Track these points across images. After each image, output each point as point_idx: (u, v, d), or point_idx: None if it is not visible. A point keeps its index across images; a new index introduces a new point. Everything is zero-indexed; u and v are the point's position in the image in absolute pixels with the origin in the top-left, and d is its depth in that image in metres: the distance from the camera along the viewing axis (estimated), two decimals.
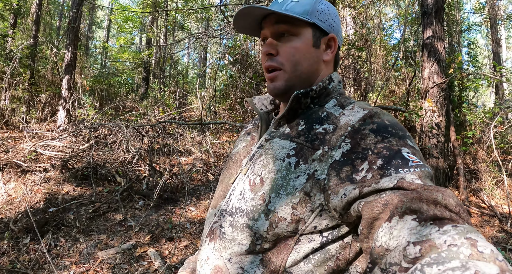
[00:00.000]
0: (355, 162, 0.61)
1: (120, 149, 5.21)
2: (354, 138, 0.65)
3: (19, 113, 7.38)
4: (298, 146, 0.71)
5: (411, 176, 0.55)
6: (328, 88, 0.79)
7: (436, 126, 5.03)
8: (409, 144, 0.62)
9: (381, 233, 0.51)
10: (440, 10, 5.33)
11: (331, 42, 0.81)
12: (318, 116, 0.75)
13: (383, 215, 0.52)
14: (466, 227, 0.44)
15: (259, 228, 0.67)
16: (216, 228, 0.76)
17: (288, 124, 0.78)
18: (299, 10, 0.75)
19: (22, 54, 7.85)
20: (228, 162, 0.90)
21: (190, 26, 14.63)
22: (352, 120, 0.68)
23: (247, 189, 0.73)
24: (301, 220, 0.65)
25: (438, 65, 5.14)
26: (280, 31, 0.77)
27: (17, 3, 8.26)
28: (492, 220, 4.50)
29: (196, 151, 5.89)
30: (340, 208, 0.61)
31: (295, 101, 0.75)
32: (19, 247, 3.31)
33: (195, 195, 4.66)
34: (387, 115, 0.69)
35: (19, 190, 4.35)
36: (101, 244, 3.39)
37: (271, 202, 0.67)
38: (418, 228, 0.47)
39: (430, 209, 0.49)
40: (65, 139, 5.80)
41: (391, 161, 0.58)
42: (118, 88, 11.14)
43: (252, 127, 0.94)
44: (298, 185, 0.66)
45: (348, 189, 0.59)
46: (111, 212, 4.01)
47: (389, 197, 0.52)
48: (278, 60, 0.77)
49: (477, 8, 13.12)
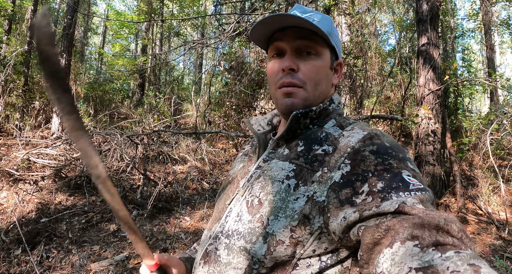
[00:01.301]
0: (355, 184, 0.60)
1: (114, 157, 5.15)
2: (354, 159, 0.64)
3: (13, 120, 7.31)
4: (297, 167, 0.69)
5: (412, 200, 0.54)
6: (328, 109, 0.78)
7: (432, 133, 5.02)
8: (409, 167, 0.61)
9: (382, 259, 0.50)
10: (435, 17, 5.35)
11: (339, 67, 0.83)
12: (317, 137, 0.74)
13: (384, 240, 0.51)
14: (469, 253, 0.43)
15: (257, 252, 0.65)
16: (211, 250, 0.73)
17: (287, 145, 0.77)
18: (325, 30, 0.73)
19: (17, 61, 7.80)
20: (225, 183, 0.89)
21: (186, 32, 14.64)
22: (352, 141, 0.67)
23: (244, 210, 0.71)
24: (300, 243, 0.63)
25: (433, 72, 5.15)
26: (303, 47, 0.75)
27: (12, 9, 8.22)
28: (489, 227, 4.49)
29: (191, 159, 5.85)
30: (340, 232, 0.59)
31: (294, 121, 0.74)
32: (10, 259, 3.24)
33: (190, 204, 4.61)
34: (387, 137, 0.69)
35: (11, 200, 4.28)
36: (94, 256, 3.33)
37: (270, 225, 0.65)
38: (420, 254, 0.46)
39: (432, 234, 0.48)
40: (58, 147, 5.74)
41: (392, 184, 0.57)
42: (113, 94, 11.09)
43: (249, 149, 0.92)
44: (297, 207, 0.64)
45: (348, 212, 0.58)
46: (104, 222, 3.95)
47: (390, 222, 0.51)
48: (300, 77, 0.74)
49: (471, 14, 13.26)
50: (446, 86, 5.54)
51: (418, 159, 5.11)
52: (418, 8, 5.51)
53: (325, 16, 0.79)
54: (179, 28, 14.09)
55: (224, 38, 3.54)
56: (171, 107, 8.36)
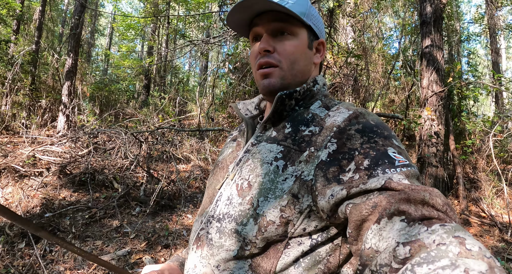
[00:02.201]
0: (342, 162, 0.61)
1: (118, 155, 5.20)
2: (340, 138, 0.65)
3: (20, 118, 7.39)
4: (285, 148, 0.70)
5: (398, 176, 0.55)
6: (312, 90, 0.79)
7: (435, 135, 5.01)
8: (394, 144, 0.62)
9: (370, 235, 0.51)
10: (439, 20, 5.36)
11: (321, 46, 0.84)
12: (304, 118, 0.75)
13: (372, 216, 0.52)
14: (454, 226, 0.45)
15: (248, 233, 0.66)
16: (203, 235, 0.75)
17: (274, 127, 0.78)
18: (297, 11, 0.75)
19: (24, 60, 7.89)
20: (214, 169, 0.90)
21: (191, 34, 14.74)
22: (338, 121, 0.68)
23: (234, 194, 0.72)
24: (290, 222, 0.64)
25: (437, 74, 5.15)
26: (278, 29, 0.77)
27: (20, 10, 8.34)
28: (492, 230, 4.46)
29: (195, 158, 5.88)
30: (328, 209, 0.60)
31: (279, 102, 0.75)
32: (14, 252, 3.29)
33: (192, 202, 4.64)
34: (372, 115, 0.69)
35: (16, 195, 4.34)
36: (97, 250, 3.36)
37: (260, 206, 0.66)
38: (407, 229, 0.47)
39: (418, 209, 0.49)
40: (64, 144, 5.80)
41: (378, 161, 0.58)
42: (119, 95, 11.17)
43: (237, 134, 0.93)
44: (286, 187, 0.65)
45: (335, 190, 0.59)
46: (107, 218, 3.99)
47: (377, 199, 0.52)
48: (276, 57, 0.76)
49: (477, 18, 13.22)
50: (450, 89, 5.54)
51: (421, 160, 5.11)
52: (422, 10, 5.52)
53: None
54: (184, 30, 14.19)
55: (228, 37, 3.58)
56: (175, 108, 8.42)
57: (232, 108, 0.97)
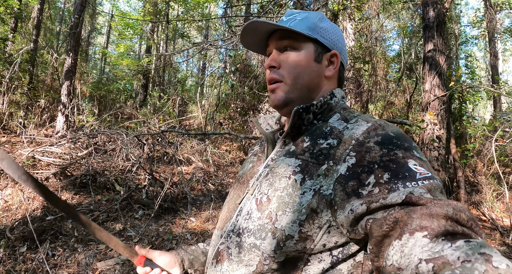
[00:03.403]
0: (361, 176, 0.60)
1: (119, 157, 5.16)
2: (359, 151, 0.64)
3: (17, 118, 7.32)
4: (303, 162, 0.70)
5: (419, 190, 0.54)
6: (330, 103, 0.79)
7: (437, 139, 5.03)
8: (415, 155, 0.61)
9: (391, 251, 0.50)
10: (442, 24, 5.38)
11: (334, 58, 0.82)
12: (322, 132, 0.74)
13: (393, 232, 0.51)
14: (479, 242, 0.43)
15: (267, 248, 0.65)
16: (223, 249, 0.75)
17: (293, 142, 0.78)
18: (302, 27, 0.78)
19: (22, 59, 7.81)
20: (235, 183, 0.90)
21: (190, 34, 14.67)
22: (356, 133, 0.68)
23: (254, 208, 0.72)
24: (309, 238, 0.64)
25: (439, 78, 5.17)
26: (283, 45, 0.80)
27: (18, 8, 8.25)
28: (493, 233, 4.49)
29: (196, 160, 5.85)
30: (347, 224, 0.60)
31: (296, 116, 0.75)
32: (16, 256, 3.24)
33: (196, 205, 4.61)
34: (392, 127, 0.68)
35: (16, 197, 4.28)
36: (100, 255, 3.33)
37: (278, 220, 0.66)
38: (430, 245, 0.46)
39: (441, 224, 0.47)
40: (63, 145, 5.75)
41: (398, 174, 0.57)
42: (117, 95, 11.10)
43: (258, 149, 0.93)
44: (305, 201, 0.65)
45: (355, 205, 0.58)
46: (110, 221, 3.95)
47: (398, 214, 0.51)
48: (280, 72, 0.79)
49: (475, 21, 13.29)
50: (451, 93, 5.56)
51: None
52: (425, 14, 5.54)
53: (312, 13, 0.83)
54: (183, 30, 14.13)
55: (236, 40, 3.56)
56: (175, 108, 8.38)
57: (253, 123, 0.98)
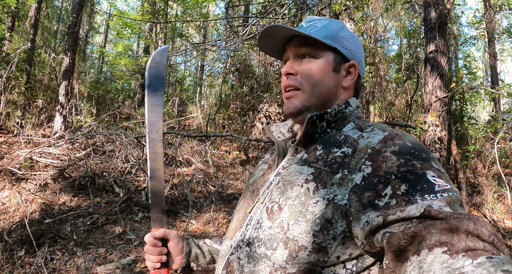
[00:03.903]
0: (378, 187, 0.58)
1: (118, 158, 5.10)
2: (375, 161, 0.62)
3: (14, 118, 7.24)
4: (316, 170, 0.68)
5: (438, 203, 0.52)
6: (345, 112, 0.77)
7: (439, 141, 5.00)
8: (434, 167, 0.59)
9: (409, 268, 0.49)
10: (443, 25, 5.35)
11: (352, 69, 0.81)
12: (336, 140, 0.73)
13: (411, 247, 0.50)
14: (502, 258, 0.41)
15: (278, 258, 0.63)
16: (233, 260, 0.73)
17: (305, 150, 0.76)
18: (322, 35, 0.76)
19: (19, 58, 7.72)
20: (245, 192, 0.88)
21: (188, 34, 14.60)
22: (372, 142, 0.66)
23: (264, 217, 0.70)
24: (323, 249, 0.61)
25: (441, 79, 5.14)
26: (302, 53, 0.78)
27: (15, 6, 8.16)
28: None
29: (196, 161, 5.80)
30: (362, 237, 0.58)
31: (310, 124, 0.73)
32: (14, 260, 3.19)
33: (196, 207, 4.56)
34: (409, 137, 0.66)
35: (14, 199, 4.22)
36: (100, 259, 3.28)
37: (290, 230, 0.64)
38: (449, 261, 0.44)
39: (462, 239, 0.46)
40: (61, 146, 5.68)
41: (416, 186, 0.55)
42: (115, 94, 11.02)
43: (269, 157, 0.91)
44: (318, 211, 0.63)
45: (371, 216, 0.56)
46: (109, 224, 3.90)
47: (416, 228, 0.50)
48: (298, 79, 0.77)
49: (474, 22, 13.31)
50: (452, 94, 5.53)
51: None
52: (427, 15, 5.50)
53: (333, 21, 0.82)
54: (182, 30, 14.06)
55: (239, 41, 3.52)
56: (174, 109, 8.32)
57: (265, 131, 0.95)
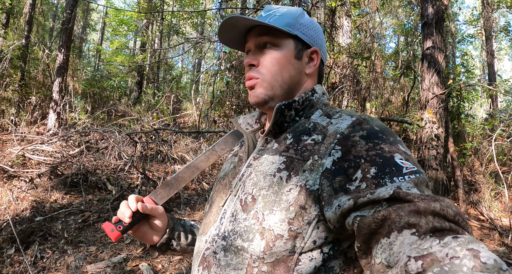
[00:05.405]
0: (348, 171, 0.60)
1: (112, 155, 5.04)
2: (345, 145, 0.63)
3: (8, 115, 7.17)
4: (288, 159, 0.69)
5: (406, 184, 0.54)
6: (311, 100, 0.78)
7: (436, 138, 4.97)
8: (401, 149, 0.61)
9: (380, 250, 0.50)
10: (440, 21, 5.31)
11: (314, 55, 0.81)
12: (305, 128, 0.73)
13: (381, 230, 0.51)
14: (467, 237, 0.43)
15: (255, 249, 0.63)
16: (209, 255, 0.72)
17: (275, 140, 0.77)
18: (282, 23, 0.76)
19: (13, 55, 7.65)
20: (216, 186, 0.87)
21: (185, 31, 14.52)
22: (341, 127, 0.67)
23: (239, 209, 0.70)
24: (299, 236, 0.62)
25: (438, 76, 5.10)
26: (263, 42, 0.78)
27: (10, 3, 8.07)
28: (492, 233, 4.44)
29: (190, 158, 5.75)
30: (334, 220, 0.59)
31: (279, 113, 0.74)
32: (3, 259, 3.13)
33: (189, 205, 4.51)
34: (376, 121, 0.68)
35: (5, 197, 4.16)
36: (90, 257, 3.22)
37: (266, 220, 0.64)
38: (418, 242, 0.45)
39: (429, 221, 0.47)
40: (54, 143, 5.61)
41: (385, 169, 0.57)
42: (111, 92, 10.94)
43: (239, 149, 0.91)
44: (292, 198, 0.63)
45: (342, 200, 0.57)
46: (101, 222, 3.84)
47: (386, 211, 0.51)
48: (260, 70, 0.77)
49: (471, 20, 13.29)
50: (449, 91, 5.50)
51: (420, 163, 5.05)
52: (423, 11, 5.46)
53: (292, 9, 0.81)
54: (178, 27, 13.98)
55: None
56: (170, 106, 8.25)
57: (232, 124, 0.94)
